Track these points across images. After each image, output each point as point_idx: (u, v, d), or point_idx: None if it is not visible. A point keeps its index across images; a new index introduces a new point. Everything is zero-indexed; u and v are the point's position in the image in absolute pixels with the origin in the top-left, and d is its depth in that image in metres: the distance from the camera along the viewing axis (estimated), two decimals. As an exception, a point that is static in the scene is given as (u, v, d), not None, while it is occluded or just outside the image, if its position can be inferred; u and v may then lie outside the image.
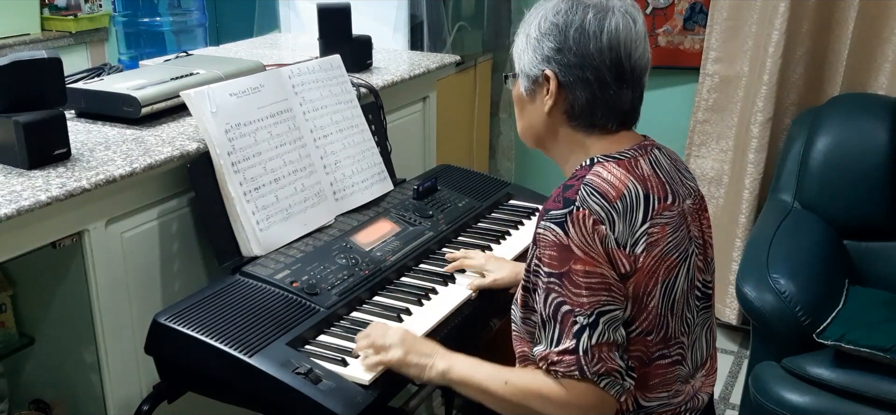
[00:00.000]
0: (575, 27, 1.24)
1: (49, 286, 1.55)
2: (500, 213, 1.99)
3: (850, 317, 2.16)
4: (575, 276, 1.17)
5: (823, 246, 2.43)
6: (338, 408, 1.23)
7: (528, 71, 1.30)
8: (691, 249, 1.30)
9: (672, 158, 1.36)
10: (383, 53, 2.55)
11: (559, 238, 1.19)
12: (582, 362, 1.17)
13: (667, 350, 1.28)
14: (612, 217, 1.19)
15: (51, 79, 1.46)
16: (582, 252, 1.17)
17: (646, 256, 1.21)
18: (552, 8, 1.27)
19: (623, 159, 1.26)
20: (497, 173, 3.60)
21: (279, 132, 1.73)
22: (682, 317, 1.30)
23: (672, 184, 1.29)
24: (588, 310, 1.17)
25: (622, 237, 1.20)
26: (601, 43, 1.24)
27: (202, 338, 1.33)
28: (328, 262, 1.60)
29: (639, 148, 1.30)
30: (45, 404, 1.65)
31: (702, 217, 1.37)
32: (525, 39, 1.31)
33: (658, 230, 1.23)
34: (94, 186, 1.41)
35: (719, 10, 2.93)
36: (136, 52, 4.03)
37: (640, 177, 1.24)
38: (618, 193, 1.21)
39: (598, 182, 1.22)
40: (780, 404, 2.10)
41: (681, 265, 1.27)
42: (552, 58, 1.26)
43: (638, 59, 1.27)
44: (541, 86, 1.30)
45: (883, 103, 2.59)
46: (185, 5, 4.16)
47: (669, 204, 1.26)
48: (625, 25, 1.25)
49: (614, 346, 1.19)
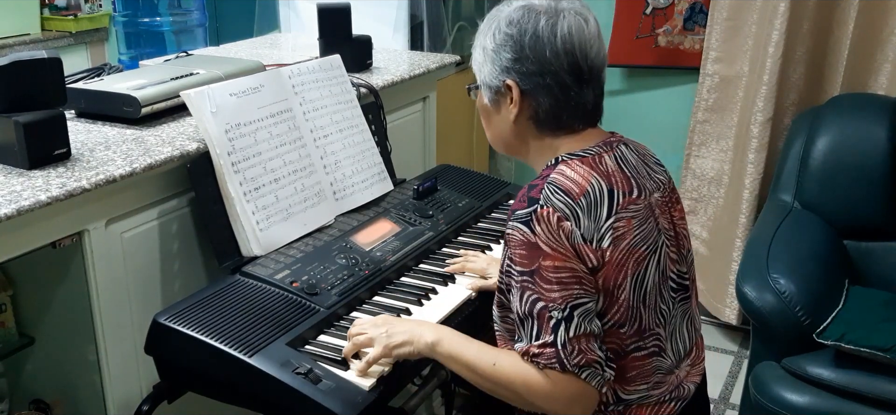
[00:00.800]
0: (529, 35, 1.27)
1: (49, 286, 1.55)
2: (500, 213, 1.99)
3: (850, 317, 2.16)
4: (545, 272, 1.20)
5: (823, 246, 2.43)
6: (338, 408, 1.23)
7: (490, 82, 1.33)
8: (661, 241, 1.32)
9: (640, 152, 1.38)
10: (383, 53, 2.55)
11: (527, 236, 1.21)
12: (561, 355, 1.20)
13: (642, 342, 1.30)
14: (576, 213, 1.21)
15: (51, 79, 1.46)
16: (549, 248, 1.20)
17: (613, 249, 1.23)
18: (505, 18, 1.30)
19: (587, 156, 1.29)
20: (497, 173, 3.60)
21: (279, 132, 1.73)
22: (655, 308, 1.31)
23: (638, 178, 1.31)
24: (561, 304, 1.20)
25: (588, 232, 1.22)
26: (556, 47, 1.26)
27: (202, 338, 1.33)
28: (328, 262, 1.60)
29: (604, 144, 1.32)
30: (45, 404, 1.65)
31: (673, 209, 1.38)
32: (482, 52, 1.34)
33: (624, 224, 1.25)
34: (94, 186, 1.41)
35: (719, 10, 2.93)
36: (136, 52, 4.03)
37: (603, 173, 1.27)
38: (581, 189, 1.23)
39: (562, 180, 1.24)
40: (780, 404, 2.10)
41: (650, 257, 1.28)
42: (511, 68, 1.29)
43: (594, 58, 1.29)
44: (504, 96, 1.33)
45: (883, 103, 2.59)
46: (185, 5, 4.16)
47: (635, 198, 1.28)
48: (577, 26, 1.27)
49: (592, 336, 1.21)
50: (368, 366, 1.32)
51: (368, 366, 1.32)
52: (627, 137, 1.39)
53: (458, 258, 1.71)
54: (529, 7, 1.29)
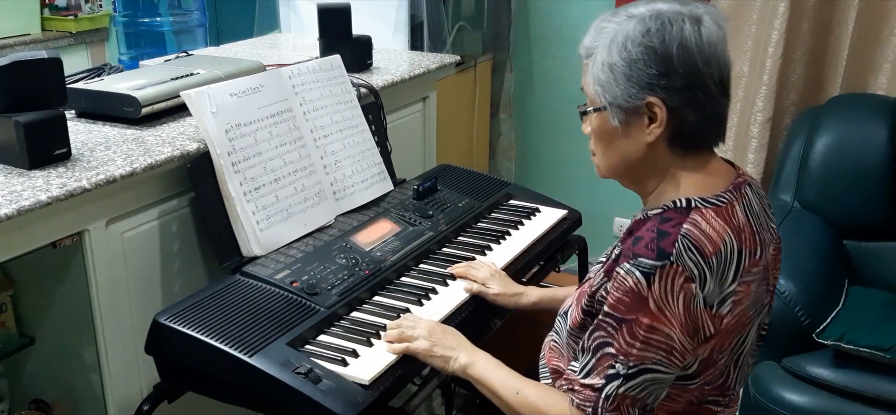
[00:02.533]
0: (677, 44, 1.13)
1: (49, 286, 1.55)
2: (500, 213, 1.99)
3: (849, 317, 2.16)
4: (637, 327, 1.12)
5: (823, 246, 2.43)
6: (338, 408, 1.23)
7: (624, 103, 1.17)
8: (766, 301, 1.25)
9: (760, 195, 1.26)
10: (383, 53, 2.55)
11: (640, 288, 1.11)
12: (599, 404, 1.15)
13: (721, 397, 1.26)
14: (704, 275, 1.10)
15: (51, 79, 1.46)
16: (656, 308, 1.10)
17: (730, 316, 1.14)
18: (637, 27, 1.15)
19: (721, 207, 1.16)
20: (497, 173, 3.60)
21: (279, 132, 1.73)
22: (745, 366, 1.26)
23: (761, 232, 1.20)
24: (632, 362, 1.12)
25: (711, 297, 1.12)
26: (706, 55, 1.14)
27: (202, 338, 1.33)
28: (328, 262, 1.60)
29: (734, 189, 1.19)
30: (45, 404, 1.65)
31: (777, 262, 1.29)
32: (609, 69, 1.18)
33: (743, 289, 1.16)
34: (94, 186, 1.41)
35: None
36: (136, 53, 4.04)
37: (736, 228, 1.15)
38: (715, 248, 1.11)
39: (696, 234, 1.12)
40: (780, 404, 2.10)
41: (754, 320, 1.22)
42: (656, 84, 1.14)
43: (730, 65, 1.19)
44: (640, 116, 1.18)
45: (883, 103, 2.59)
46: (185, 5, 4.16)
47: (758, 259, 1.18)
48: (717, 31, 1.16)
49: (638, 404, 1.15)
50: (404, 352, 1.37)
51: (404, 352, 1.37)
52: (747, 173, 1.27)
53: (461, 263, 1.68)
54: (665, 14, 1.15)
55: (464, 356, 1.36)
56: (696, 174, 1.20)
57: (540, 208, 2.01)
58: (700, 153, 1.21)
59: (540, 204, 2.03)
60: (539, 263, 1.90)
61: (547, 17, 3.42)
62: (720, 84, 1.17)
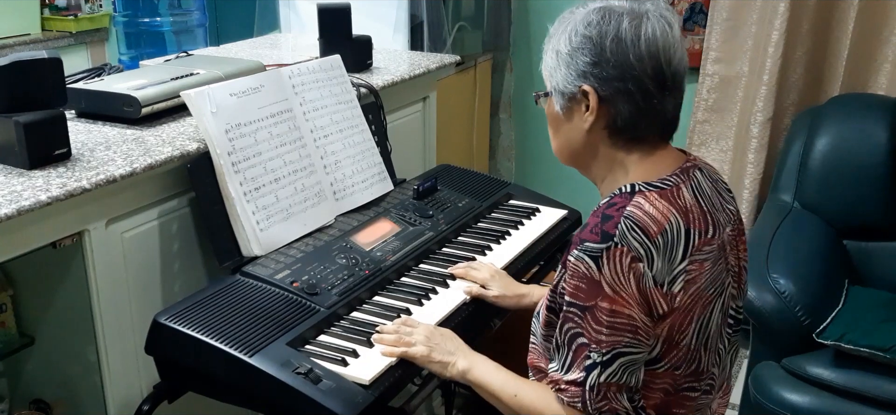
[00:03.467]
0: (611, 37, 1.18)
1: (49, 286, 1.55)
2: (500, 213, 1.99)
3: (849, 317, 2.16)
4: (599, 313, 1.14)
5: (823, 246, 2.43)
6: (338, 408, 1.23)
7: (563, 88, 1.24)
8: (728, 281, 1.26)
9: (713, 178, 1.29)
10: (383, 53, 2.55)
11: (591, 272, 1.14)
12: (586, 397, 1.17)
13: (697, 383, 1.26)
14: (650, 254, 1.14)
15: (51, 79, 1.46)
16: (611, 291, 1.13)
17: (682, 295, 1.16)
18: (582, 20, 1.21)
19: (666, 189, 1.20)
20: (497, 173, 3.60)
21: (279, 132, 1.73)
22: (715, 350, 1.27)
23: (713, 212, 1.23)
24: (605, 348, 1.15)
25: (660, 276, 1.15)
26: (640, 51, 1.18)
27: (202, 338, 1.33)
28: (328, 262, 1.60)
29: (681, 173, 1.23)
30: (45, 404, 1.65)
31: (739, 243, 1.31)
32: (555, 56, 1.24)
33: (696, 267, 1.18)
34: (94, 186, 1.41)
35: (719, 10, 2.93)
36: (136, 52, 4.04)
37: (681, 209, 1.18)
38: (659, 227, 1.15)
39: (639, 215, 1.15)
40: (780, 404, 2.10)
41: (716, 300, 1.23)
42: (589, 72, 1.20)
43: (677, 64, 1.21)
44: (578, 103, 1.24)
45: (883, 103, 2.59)
46: (185, 5, 4.16)
47: (710, 238, 1.20)
48: (662, 30, 1.19)
49: (624, 388, 1.17)
50: (401, 356, 1.36)
51: (401, 356, 1.36)
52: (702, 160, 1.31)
53: (462, 263, 1.67)
54: (609, 8, 1.21)
55: (462, 361, 1.36)
56: (644, 163, 1.24)
57: (540, 208, 2.01)
58: (645, 144, 1.24)
59: (540, 204, 2.03)
60: (539, 263, 1.90)
61: (547, 17, 3.40)
62: (657, 80, 1.19)
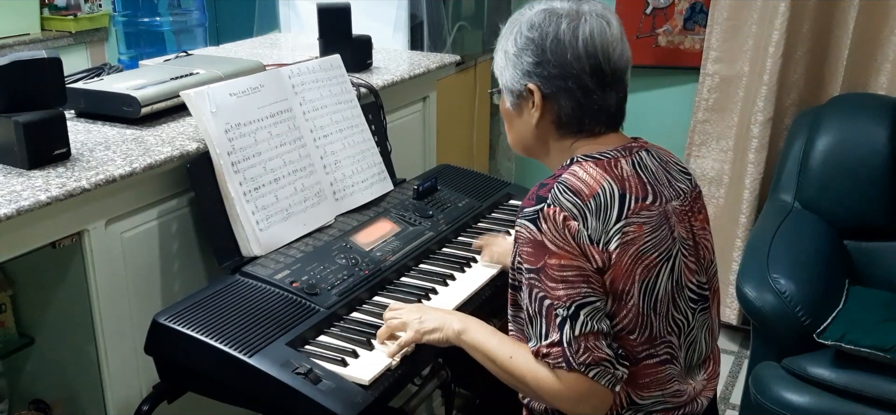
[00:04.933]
0: (550, 39, 1.26)
1: (49, 286, 1.55)
2: (500, 213, 1.99)
3: (850, 317, 2.15)
4: (550, 270, 1.20)
5: (823, 246, 2.43)
6: (338, 408, 1.23)
7: (512, 87, 1.33)
8: (676, 250, 1.30)
9: (663, 159, 1.36)
10: (383, 53, 2.55)
11: (533, 234, 1.22)
12: (567, 354, 1.20)
13: (653, 350, 1.29)
14: (583, 213, 1.21)
15: (51, 79, 1.46)
16: (554, 247, 1.20)
17: (620, 253, 1.22)
18: (526, 22, 1.30)
19: (602, 159, 1.28)
20: (497, 173, 3.60)
21: (279, 132, 1.73)
22: (667, 317, 1.30)
23: (655, 185, 1.30)
24: (566, 302, 1.20)
25: (595, 234, 1.21)
26: (578, 50, 1.26)
27: (202, 338, 1.33)
28: (328, 262, 1.60)
29: (622, 149, 1.31)
30: (45, 404, 1.65)
31: (693, 218, 1.36)
32: (504, 56, 1.33)
33: (634, 229, 1.24)
34: (93, 186, 1.41)
35: (719, 10, 2.93)
36: (135, 52, 4.03)
37: (617, 177, 1.26)
38: (591, 191, 1.23)
39: (573, 180, 1.24)
40: (780, 404, 2.10)
41: (662, 265, 1.27)
42: (533, 72, 1.29)
43: (617, 60, 1.28)
44: (525, 99, 1.33)
45: (883, 103, 2.59)
46: (185, 5, 4.16)
47: (648, 204, 1.27)
48: (599, 29, 1.26)
49: (600, 335, 1.21)
50: (400, 349, 1.37)
51: (400, 349, 1.37)
52: (654, 144, 1.37)
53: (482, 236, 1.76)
54: (551, 11, 1.28)
55: (456, 323, 1.37)
56: (589, 144, 1.32)
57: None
58: (594, 133, 1.32)
59: (540, 204, 2.03)
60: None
61: (547, 16, 3.41)
62: (596, 77, 1.27)
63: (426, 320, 1.40)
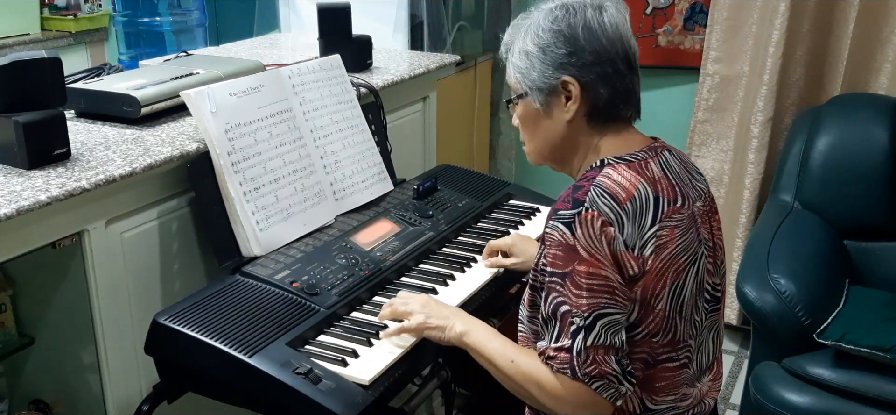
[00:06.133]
0: (581, 27, 1.26)
1: (49, 286, 1.55)
2: (500, 213, 1.99)
3: (850, 317, 2.15)
4: (577, 277, 1.18)
5: (824, 246, 2.43)
6: (338, 408, 1.23)
7: (542, 84, 1.30)
8: (701, 252, 1.30)
9: (682, 159, 1.36)
10: (383, 53, 2.55)
11: (566, 238, 1.19)
12: (575, 363, 1.19)
13: (674, 353, 1.29)
14: (621, 219, 1.19)
15: (51, 79, 1.46)
16: (587, 254, 1.18)
17: (654, 258, 1.21)
18: (545, 18, 1.28)
19: (633, 161, 1.26)
20: (497, 173, 3.60)
21: (279, 132, 1.73)
22: (690, 320, 1.29)
23: (682, 186, 1.29)
24: (586, 312, 1.18)
25: (631, 240, 1.20)
26: (609, 35, 1.26)
27: (202, 338, 1.33)
28: (328, 262, 1.60)
29: (649, 150, 1.30)
30: (45, 404, 1.65)
31: (712, 219, 1.36)
32: (525, 57, 1.30)
33: (667, 233, 1.23)
34: (93, 186, 1.41)
35: (719, 10, 2.93)
36: (135, 52, 4.03)
37: (650, 179, 1.25)
38: (628, 195, 1.21)
39: (609, 183, 1.22)
40: (780, 405, 2.10)
41: (690, 268, 1.27)
42: (567, 63, 1.27)
43: (635, 47, 1.30)
44: (558, 95, 1.30)
45: (883, 103, 2.59)
46: (185, 5, 4.16)
47: (679, 207, 1.26)
48: (621, 17, 1.29)
49: (610, 349, 1.19)
50: (399, 334, 1.39)
51: (399, 334, 1.39)
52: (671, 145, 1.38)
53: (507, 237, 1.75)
54: (569, 3, 1.28)
55: (460, 324, 1.37)
56: (615, 142, 1.31)
57: (540, 208, 2.01)
58: (617, 126, 1.31)
59: (540, 204, 2.03)
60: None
61: (547, 16, 3.41)
62: (626, 61, 1.28)
63: (432, 315, 1.39)
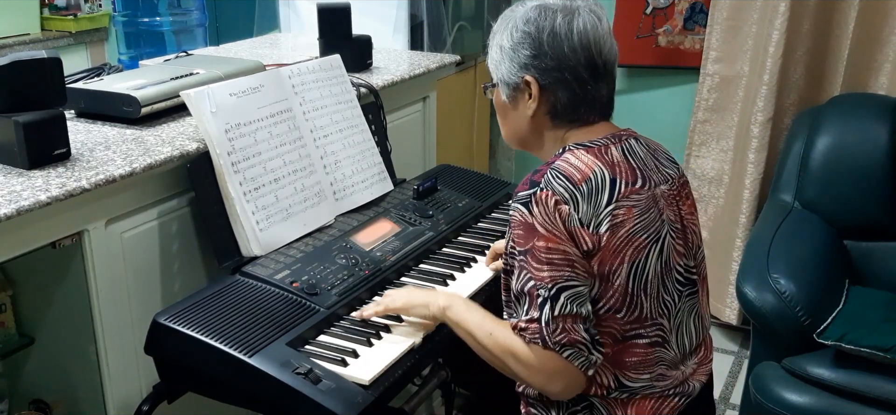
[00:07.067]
0: (547, 32, 1.32)
1: (49, 286, 1.55)
2: (500, 213, 1.99)
3: (850, 317, 2.15)
4: (538, 252, 1.25)
5: (823, 246, 2.43)
6: (338, 408, 1.23)
7: (508, 79, 1.38)
8: (664, 232, 1.34)
9: (651, 147, 1.41)
10: (383, 53, 2.55)
11: (524, 217, 1.26)
12: (544, 332, 1.24)
13: (642, 330, 1.33)
14: (575, 198, 1.26)
15: (51, 79, 1.46)
16: (544, 230, 1.24)
17: (610, 235, 1.26)
18: (521, 17, 1.34)
19: (593, 147, 1.33)
20: (497, 173, 3.60)
21: (279, 132, 1.73)
22: (657, 298, 1.33)
23: (644, 170, 1.35)
24: (549, 284, 1.24)
25: (586, 217, 1.26)
26: (573, 43, 1.31)
27: (202, 338, 1.33)
28: (328, 262, 1.60)
29: (612, 137, 1.36)
30: (45, 404, 1.65)
31: (682, 203, 1.41)
32: (499, 50, 1.38)
33: (624, 212, 1.28)
34: (93, 186, 1.41)
35: (719, 10, 2.93)
36: (135, 52, 4.03)
37: (608, 162, 1.31)
38: (583, 175, 1.28)
39: (565, 166, 1.29)
40: (780, 404, 2.10)
41: (651, 246, 1.31)
42: (530, 64, 1.34)
43: (607, 54, 1.34)
44: (522, 92, 1.38)
45: (883, 103, 2.59)
46: (185, 5, 4.16)
47: (638, 188, 1.31)
48: (592, 23, 1.32)
49: (578, 318, 1.25)
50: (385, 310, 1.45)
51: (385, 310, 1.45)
52: (643, 136, 1.42)
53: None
54: (545, 6, 1.34)
55: (443, 299, 1.42)
56: (581, 133, 1.37)
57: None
58: (585, 123, 1.37)
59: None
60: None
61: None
62: (590, 68, 1.33)
63: (415, 295, 1.46)
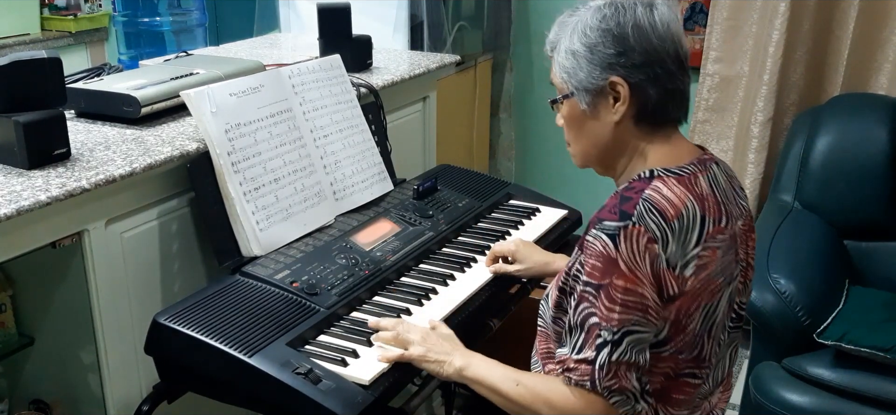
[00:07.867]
0: (631, 26, 1.21)
1: (49, 286, 1.55)
2: (500, 213, 1.99)
3: (850, 317, 2.15)
4: (613, 291, 1.15)
5: (824, 246, 2.43)
6: (338, 408, 1.23)
7: (588, 85, 1.25)
8: (736, 273, 1.28)
9: (728, 174, 1.32)
10: (383, 53, 2.55)
11: (608, 250, 1.15)
12: (596, 376, 1.17)
13: (697, 370, 1.27)
14: (666, 236, 1.16)
15: (51, 79, 1.46)
16: (627, 269, 1.14)
17: (694, 279, 1.18)
18: (592, 16, 1.24)
19: (683, 175, 1.22)
20: (497, 173, 3.60)
21: (279, 132, 1.73)
22: (717, 339, 1.28)
23: (727, 204, 1.25)
24: (615, 327, 1.15)
25: (673, 258, 1.16)
26: (661, 34, 1.21)
27: (202, 338, 1.33)
28: (328, 262, 1.60)
29: (698, 163, 1.25)
30: (45, 404, 1.65)
31: (749, 239, 1.33)
32: (572, 56, 1.25)
33: (709, 254, 1.20)
34: (93, 186, 1.41)
35: (719, 10, 2.93)
36: (135, 52, 4.03)
37: (698, 196, 1.20)
38: (676, 211, 1.17)
39: (658, 198, 1.18)
40: (780, 405, 2.10)
41: (725, 289, 1.25)
42: (615, 63, 1.22)
43: (686, 46, 1.26)
44: (605, 96, 1.25)
45: (883, 103, 2.59)
46: (185, 5, 4.16)
47: (722, 227, 1.22)
48: (672, 15, 1.24)
49: (634, 367, 1.17)
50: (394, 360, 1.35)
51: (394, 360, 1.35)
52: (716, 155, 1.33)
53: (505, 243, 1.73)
54: (616, 2, 1.23)
55: (458, 359, 1.34)
56: (663, 150, 1.26)
57: (540, 208, 2.01)
58: (666, 130, 1.27)
59: (540, 204, 2.03)
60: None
61: (547, 16, 3.39)
62: (676, 60, 1.23)
63: (432, 349, 1.35)
